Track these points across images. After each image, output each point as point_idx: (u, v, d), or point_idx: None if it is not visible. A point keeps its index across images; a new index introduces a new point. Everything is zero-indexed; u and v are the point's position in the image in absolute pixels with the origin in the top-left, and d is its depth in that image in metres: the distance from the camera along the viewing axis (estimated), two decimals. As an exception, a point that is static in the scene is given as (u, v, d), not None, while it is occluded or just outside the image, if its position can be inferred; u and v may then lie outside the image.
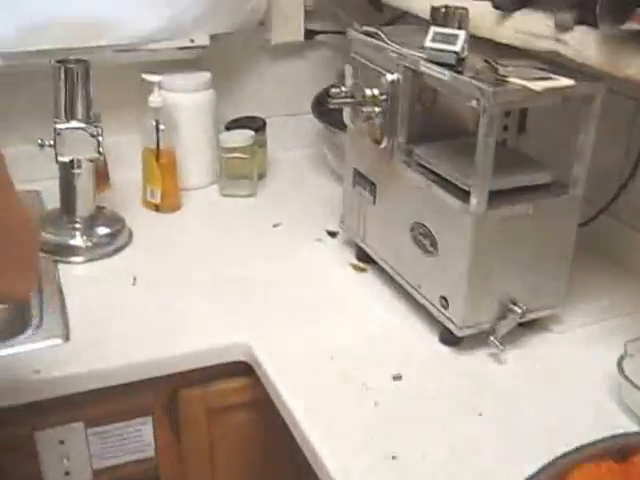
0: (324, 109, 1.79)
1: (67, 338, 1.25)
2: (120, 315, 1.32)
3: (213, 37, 1.74)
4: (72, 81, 1.43)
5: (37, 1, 1.53)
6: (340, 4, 1.73)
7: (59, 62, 1.43)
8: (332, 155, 1.78)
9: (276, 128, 1.88)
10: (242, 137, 1.71)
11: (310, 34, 1.88)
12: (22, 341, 1.25)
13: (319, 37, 1.89)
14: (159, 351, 1.25)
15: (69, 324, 1.28)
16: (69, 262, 1.47)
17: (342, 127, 1.48)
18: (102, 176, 1.68)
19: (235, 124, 1.79)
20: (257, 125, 1.80)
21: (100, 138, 1.45)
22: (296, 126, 1.93)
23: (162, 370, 1.25)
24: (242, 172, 1.73)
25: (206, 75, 1.73)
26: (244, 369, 1.27)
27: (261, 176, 1.82)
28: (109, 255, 1.50)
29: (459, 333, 1.23)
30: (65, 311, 1.32)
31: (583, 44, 1.09)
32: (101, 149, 1.45)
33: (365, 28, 1.36)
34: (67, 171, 1.49)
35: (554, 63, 1.17)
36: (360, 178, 1.41)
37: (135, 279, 1.42)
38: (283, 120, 1.93)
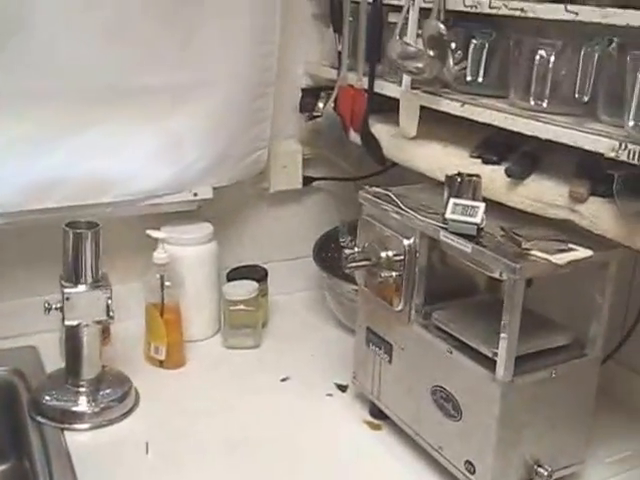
0: (324, 256, 1.81)
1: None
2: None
3: (214, 188, 1.75)
4: (81, 244, 1.42)
5: (43, 162, 1.53)
6: (340, 153, 1.75)
7: (68, 225, 1.42)
8: (333, 302, 1.78)
9: (276, 272, 1.88)
10: (246, 289, 1.71)
11: (307, 180, 1.90)
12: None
13: (315, 183, 1.91)
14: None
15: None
16: (74, 429, 1.43)
17: (342, 274, 1.48)
18: (103, 330, 1.66)
19: (237, 274, 1.79)
20: (259, 275, 1.79)
21: (110, 301, 1.43)
22: (296, 270, 1.94)
23: None
24: (247, 323, 1.72)
25: (208, 227, 1.73)
26: None
27: (264, 324, 1.80)
28: (118, 420, 1.46)
29: (487, 500, 1.21)
30: (79, 488, 1.28)
31: (598, 216, 1.12)
32: (111, 312, 1.44)
33: (375, 190, 1.38)
34: (74, 334, 1.47)
35: (567, 227, 1.19)
36: (374, 337, 1.41)
37: (147, 446, 1.39)
38: (282, 265, 1.93)
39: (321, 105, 1.73)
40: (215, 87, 1.64)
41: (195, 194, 1.72)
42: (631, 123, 1.03)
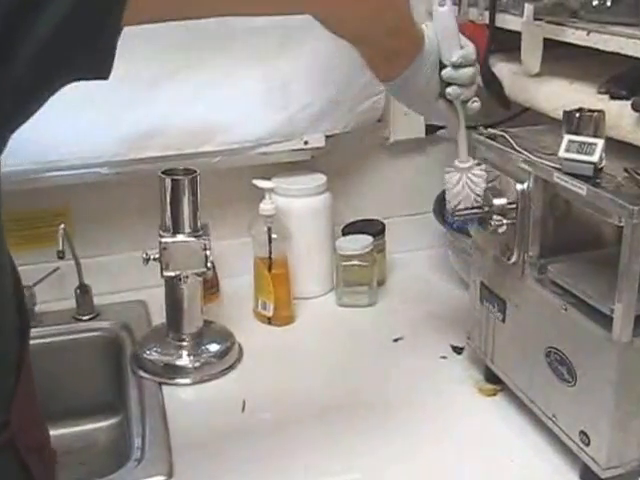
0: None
1: (171, 475, 1.15)
2: (228, 448, 1.22)
3: (328, 137, 1.65)
4: (179, 193, 1.35)
5: (142, 110, 1.48)
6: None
7: (165, 173, 1.36)
8: (456, 259, 1.66)
9: (395, 229, 1.77)
10: (361, 244, 1.61)
11: (431, 129, 1.77)
12: (123, 477, 1.16)
13: (440, 132, 1.78)
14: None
15: (173, 458, 1.19)
16: (175, 384, 1.38)
17: (466, 231, 1.37)
18: (211, 286, 1.60)
19: (352, 228, 1.69)
20: (376, 229, 1.69)
21: (208, 252, 1.37)
22: (417, 226, 1.82)
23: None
24: (361, 280, 1.62)
25: (321, 178, 1.64)
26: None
27: (380, 282, 1.70)
28: (217, 376, 1.40)
29: (603, 474, 1.07)
30: (169, 443, 1.22)
31: None
32: (209, 263, 1.37)
33: (490, 131, 1.25)
34: (173, 286, 1.41)
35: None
36: (488, 293, 1.29)
37: (244, 404, 1.32)
38: (403, 220, 1.82)
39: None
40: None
41: (306, 142, 1.62)
42: None
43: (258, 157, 1.61)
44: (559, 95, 1.26)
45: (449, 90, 1.14)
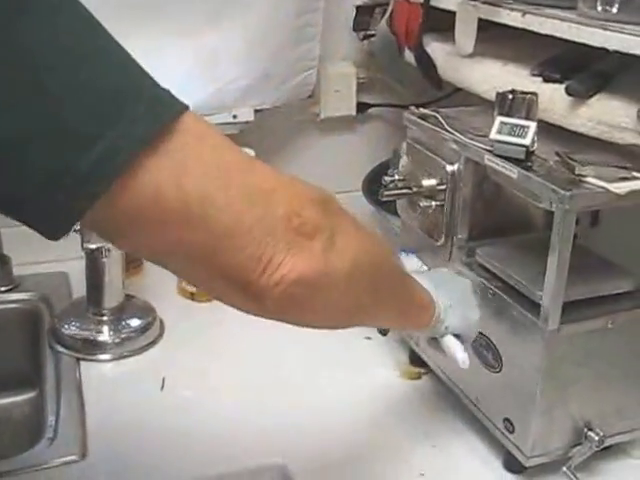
0: (375, 189, 1.66)
1: (84, 455, 1.11)
2: (145, 427, 1.18)
3: (257, 111, 1.61)
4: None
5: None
6: (396, 77, 1.60)
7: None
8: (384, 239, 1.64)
9: (324, 207, 1.74)
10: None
11: (363, 107, 1.75)
12: (34, 456, 1.12)
13: (371, 110, 1.75)
14: (184, 473, 1.10)
15: (88, 437, 1.15)
16: (94, 360, 1.34)
17: (394, 210, 1.35)
18: (134, 259, 1.56)
19: (280, 204, 1.66)
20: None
21: (131, 225, 1.32)
22: (347, 204, 1.78)
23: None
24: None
25: (249, 153, 1.60)
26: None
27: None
28: (138, 352, 1.37)
29: (527, 463, 1.07)
30: (85, 421, 1.18)
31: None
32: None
33: (422, 111, 1.23)
34: (94, 259, 1.37)
35: (634, 155, 1.02)
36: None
37: (164, 382, 1.28)
38: (332, 198, 1.78)
39: (375, 23, 1.58)
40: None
41: (235, 116, 1.58)
42: None
43: (185, 129, 1.56)
44: (492, 76, 1.24)
45: None
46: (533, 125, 1.00)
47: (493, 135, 1.02)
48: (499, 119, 1.02)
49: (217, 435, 1.17)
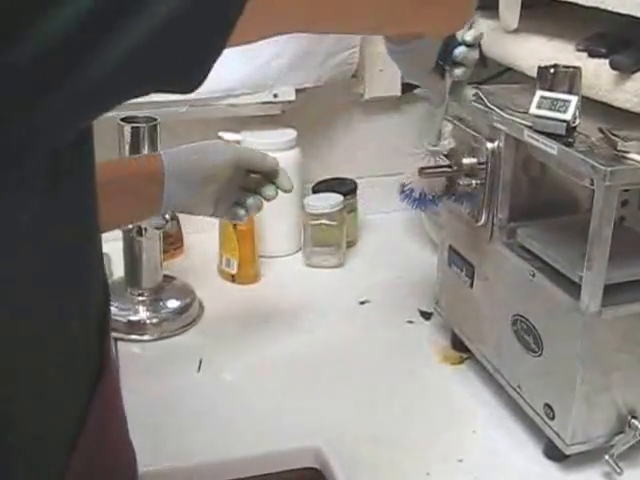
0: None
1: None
2: (179, 409, 1.17)
3: (299, 91, 1.59)
4: (137, 141, 1.29)
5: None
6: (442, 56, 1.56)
7: (124, 120, 1.30)
8: (430, 222, 1.61)
9: (369, 189, 1.72)
10: (329, 202, 1.55)
11: (408, 87, 1.71)
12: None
13: (417, 91, 1.72)
14: (218, 454, 1.09)
15: (123, 417, 1.14)
16: (131, 340, 1.34)
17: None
18: (175, 241, 1.55)
19: (323, 186, 1.63)
20: (347, 188, 1.63)
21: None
22: (391, 187, 1.75)
23: (221, 476, 1.09)
24: (329, 240, 1.57)
25: (291, 133, 1.58)
26: (314, 478, 1.11)
27: (351, 243, 1.65)
28: (175, 333, 1.36)
29: (567, 451, 1.03)
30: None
31: None
32: (167, 216, 1.31)
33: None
34: (131, 239, 1.36)
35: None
36: (456, 257, 1.24)
37: (201, 363, 1.27)
38: (377, 181, 1.75)
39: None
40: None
41: (275, 95, 1.56)
42: None
43: (227, 109, 1.55)
44: (537, 52, 1.20)
45: (458, 72, 1.05)
46: (575, 99, 0.96)
47: (533, 110, 0.98)
48: (539, 93, 0.99)
49: (254, 417, 1.16)
